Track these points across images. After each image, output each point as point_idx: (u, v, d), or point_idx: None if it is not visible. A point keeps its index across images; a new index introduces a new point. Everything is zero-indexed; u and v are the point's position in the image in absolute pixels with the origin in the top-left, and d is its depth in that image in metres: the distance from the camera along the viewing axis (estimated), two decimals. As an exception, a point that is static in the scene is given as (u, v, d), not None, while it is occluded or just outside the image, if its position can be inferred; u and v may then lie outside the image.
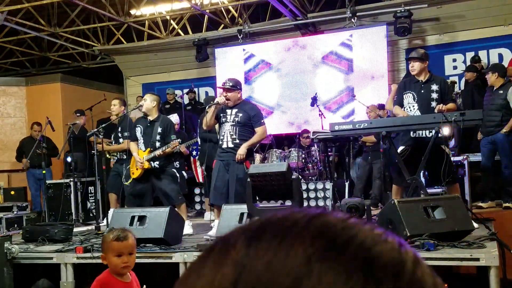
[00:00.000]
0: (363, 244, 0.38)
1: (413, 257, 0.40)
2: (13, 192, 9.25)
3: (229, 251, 0.39)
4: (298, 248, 0.37)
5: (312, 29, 10.49)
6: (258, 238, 0.39)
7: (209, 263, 0.40)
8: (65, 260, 4.87)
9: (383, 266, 0.37)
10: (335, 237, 0.38)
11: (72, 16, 11.00)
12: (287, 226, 0.39)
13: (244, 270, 0.37)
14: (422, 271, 0.39)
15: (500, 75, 6.67)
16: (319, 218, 0.40)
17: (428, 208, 4.18)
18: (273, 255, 0.37)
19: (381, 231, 0.40)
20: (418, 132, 5.29)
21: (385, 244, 0.39)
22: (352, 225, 0.40)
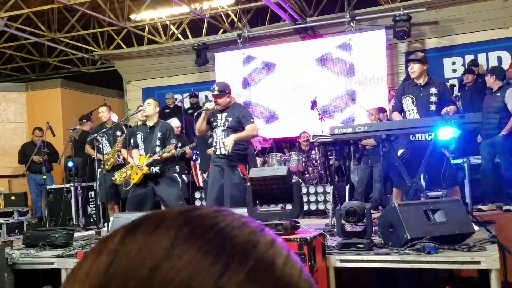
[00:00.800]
0: (222, 230, 0.42)
1: (269, 240, 0.44)
2: (14, 198, 9.25)
3: (107, 243, 0.43)
4: (165, 235, 0.41)
5: (311, 33, 10.51)
6: (135, 229, 0.43)
7: (89, 256, 0.44)
8: (66, 265, 4.87)
9: (234, 247, 0.41)
10: (199, 225, 0.42)
11: (72, 22, 11.04)
12: (160, 218, 0.44)
13: (117, 256, 0.41)
14: (275, 251, 0.43)
15: (498, 78, 6.69)
16: (189, 212, 0.45)
17: (428, 211, 4.18)
18: (144, 241, 0.41)
19: (246, 220, 0.45)
20: (417, 135, 5.30)
21: (244, 229, 0.43)
22: (218, 215, 0.44)
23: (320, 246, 4.10)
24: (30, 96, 11.32)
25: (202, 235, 0.42)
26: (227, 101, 5.71)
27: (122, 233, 0.44)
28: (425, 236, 4.00)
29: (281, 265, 0.42)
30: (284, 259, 0.43)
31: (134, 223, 0.44)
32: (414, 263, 3.92)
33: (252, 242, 0.42)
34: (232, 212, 0.46)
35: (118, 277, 0.40)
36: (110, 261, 0.41)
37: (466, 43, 9.59)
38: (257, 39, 10.90)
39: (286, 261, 0.43)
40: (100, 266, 0.42)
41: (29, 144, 9.50)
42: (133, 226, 0.44)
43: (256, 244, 0.42)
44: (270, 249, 0.43)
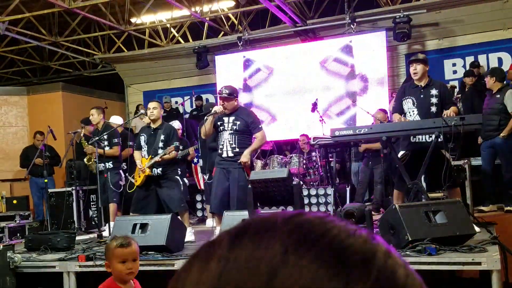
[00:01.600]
0: (336, 237, 0.40)
1: (384, 249, 0.41)
2: (16, 201, 9.26)
3: (215, 249, 0.42)
4: (276, 242, 0.40)
5: (311, 35, 10.53)
6: (241, 236, 0.42)
7: (196, 262, 0.43)
8: (68, 269, 4.88)
9: (353, 256, 0.39)
10: (310, 232, 0.41)
11: (73, 25, 11.07)
12: (268, 224, 0.42)
13: (228, 263, 0.40)
14: (394, 262, 0.40)
15: (498, 80, 6.69)
16: (297, 217, 0.43)
17: (429, 212, 4.19)
18: (254, 248, 0.40)
19: (355, 227, 0.43)
20: (418, 137, 5.30)
21: (358, 237, 0.41)
22: (327, 221, 0.42)
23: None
24: (31, 100, 11.34)
25: (315, 242, 0.40)
26: (235, 104, 5.73)
27: (228, 239, 0.43)
28: (426, 237, 4.00)
29: (403, 277, 0.40)
30: (404, 270, 0.41)
31: (238, 229, 0.43)
32: (415, 265, 3.92)
33: (371, 251, 0.40)
34: (338, 218, 0.44)
35: (233, 285, 0.39)
36: (221, 269, 0.40)
37: (467, 45, 9.61)
38: (258, 41, 10.92)
39: (406, 273, 0.41)
40: (211, 273, 0.40)
41: (30, 147, 9.52)
42: (238, 231, 0.43)
43: (374, 254, 0.40)
44: (389, 259, 0.41)
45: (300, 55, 10.23)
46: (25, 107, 11.29)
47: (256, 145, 5.79)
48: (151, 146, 6.06)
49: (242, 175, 5.52)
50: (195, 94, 10.99)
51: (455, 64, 9.69)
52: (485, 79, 6.81)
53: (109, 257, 2.84)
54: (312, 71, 10.09)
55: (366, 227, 4.20)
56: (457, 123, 4.73)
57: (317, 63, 10.08)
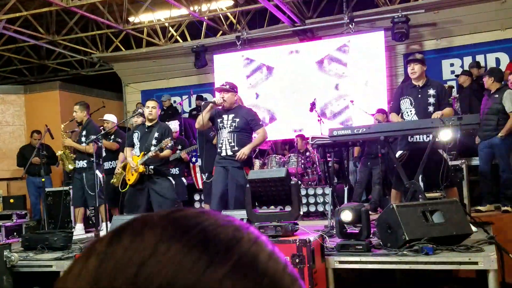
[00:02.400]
0: (206, 227, 0.44)
1: (252, 237, 0.45)
2: (12, 200, 9.25)
3: (95, 246, 0.45)
4: (150, 234, 0.43)
5: (310, 35, 10.53)
6: (121, 232, 0.45)
7: (79, 260, 0.45)
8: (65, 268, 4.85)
9: (218, 243, 0.43)
10: (183, 224, 0.44)
11: (70, 24, 11.05)
12: (146, 221, 0.45)
13: (105, 258, 0.43)
14: (258, 247, 0.44)
15: (496, 80, 6.71)
16: (175, 213, 0.46)
17: (426, 212, 4.19)
18: (130, 242, 0.43)
19: (231, 219, 0.46)
20: (415, 137, 5.31)
21: (227, 227, 0.45)
22: (203, 215, 0.46)
23: (319, 248, 4.11)
24: (28, 98, 11.32)
25: (186, 233, 0.43)
26: (234, 99, 5.72)
27: (109, 236, 0.45)
28: (424, 237, 4.00)
29: (264, 260, 0.43)
30: (267, 255, 0.44)
31: (120, 227, 0.46)
32: (413, 264, 3.93)
33: (236, 238, 0.44)
34: (217, 212, 0.47)
35: (106, 277, 0.41)
36: (98, 263, 0.43)
37: (465, 45, 9.63)
38: (256, 41, 10.91)
39: (269, 257, 0.44)
40: (89, 268, 0.43)
41: (27, 146, 9.50)
42: (119, 229, 0.46)
43: (239, 240, 0.44)
44: (254, 245, 0.44)
45: (298, 55, 10.22)
46: (22, 106, 11.27)
47: (257, 142, 5.79)
48: (143, 143, 6.02)
49: (241, 174, 5.52)
50: (193, 93, 10.99)
51: (453, 64, 9.71)
52: (483, 79, 6.81)
53: None
54: (310, 70, 10.09)
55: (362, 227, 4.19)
56: (454, 123, 4.74)
57: (315, 62, 10.08)
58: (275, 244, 0.47)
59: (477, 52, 9.46)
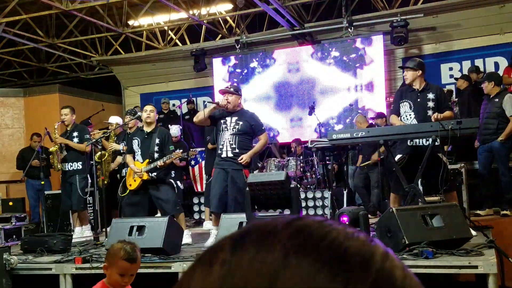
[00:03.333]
0: (335, 240, 0.41)
1: (382, 251, 0.42)
2: (12, 203, 9.23)
3: (217, 254, 0.43)
4: (276, 245, 0.41)
5: (309, 38, 10.55)
6: (243, 240, 0.43)
7: (199, 266, 0.44)
8: (64, 271, 4.87)
9: (352, 257, 0.40)
10: (310, 235, 0.42)
11: (70, 27, 11.06)
12: (269, 228, 0.44)
13: (230, 267, 0.41)
14: (392, 264, 0.41)
15: (496, 84, 6.73)
16: (297, 221, 0.44)
17: (426, 216, 4.20)
18: (256, 252, 0.41)
19: (354, 230, 0.44)
20: (415, 141, 5.31)
21: (356, 239, 0.42)
22: (326, 225, 0.44)
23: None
24: (28, 101, 11.32)
25: (315, 245, 0.41)
26: (237, 102, 5.75)
27: (230, 243, 0.44)
28: (423, 241, 4.01)
29: (401, 278, 0.41)
30: (402, 272, 0.42)
31: (240, 233, 0.44)
32: (412, 268, 3.90)
33: (368, 253, 0.41)
34: (334, 222, 0.45)
35: (237, 287, 0.40)
36: (224, 272, 0.41)
37: (463, 49, 9.64)
38: (255, 44, 10.93)
39: (404, 274, 0.42)
40: (214, 277, 0.41)
41: (27, 149, 9.49)
42: (240, 236, 0.44)
43: (373, 255, 0.41)
44: (387, 261, 0.41)
45: (297, 59, 10.24)
46: (21, 109, 11.26)
47: (259, 148, 5.82)
48: (145, 150, 6.00)
49: (240, 177, 5.52)
50: (192, 96, 11.00)
51: (451, 68, 9.73)
52: (483, 85, 6.80)
53: (111, 263, 2.75)
54: (309, 74, 10.11)
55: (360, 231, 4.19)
56: (454, 127, 4.75)
57: (314, 66, 10.09)
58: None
59: (476, 56, 9.48)
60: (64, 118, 7.00)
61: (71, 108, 7.14)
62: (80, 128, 7.09)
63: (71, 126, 7.03)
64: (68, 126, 7.03)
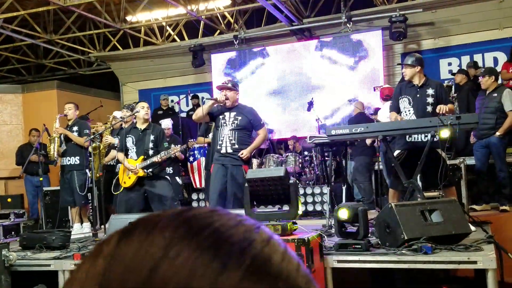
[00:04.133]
0: (218, 228, 0.43)
1: (265, 238, 0.44)
2: (10, 200, 9.23)
3: (103, 246, 0.44)
4: (160, 236, 0.42)
5: (307, 34, 10.53)
6: (130, 233, 0.44)
7: (86, 260, 0.44)
8: (63, 267, 4.86)
9: (231, 245, 0.42)
10: (194, 225, 0.43)
11: (68, 23, 11.02)
12: (155, 221, 0.44)
13: (113, 260, 0.42)
14: (272, 249, 0.43)
15: (496, 79, 6.73)
16: (184, 213, 0.45)
17: (425, 211, 4.19)
18: (139, 244, 0.42)
19: (242, 219, 0.45)
20: (413, 136, 5.31)
21: (239, 227, 0.44)
22: (214, 215, 0.45)
23: (318, 247, 4.11)
24: (26, 98, 11.30)
25: (197, 234, 0.42)
26: (235, 98, 5.76)
27: (117, 237, 0.44)
28: (422, 236, 4.01)
29: (278, 262, 0.43)
30: (281, 256, 0.44)
31: (129, 227, 0.45)
32: (411, 263, 3.93)
33: (248, 239, 0.43)
34: (227, 211, 0.46)
35: (115, 280, 0.41)
36: (106, 264, 0.42)
37: (462, 44, 9.64)
38: (254, 40, 10.91)
39: (283, 257, 0.44)
40: (97, 270, 0.42)
41: (26, 145, 9.48)
42: (128, 229, 0.45)
43: (252, 242, 0.43)
44: (267, 246, 0.43)
45: (296, 54, 10.22)
46: (19, 105, 11.24)
47: (258, 143, 5.83)
48: (140, 147, 5.98)
49: (240, 173, 5.53)
50: (190, 92, 10.98)
51: (450, 63, 9.72)
52: (481, 79, 6.78)
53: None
54: (308, 70, 10.09)
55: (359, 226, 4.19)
56: (453, 122, 4.74)
57: (313, 62, 10.08)
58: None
59: (474, 51, 9.47)
60: (67, 112, 7.04)
61: (75, 104, 7.23)
62: (81, 123, 7.12)
63: (73, 121, 7.06)
64: (69, 121, 7.07)
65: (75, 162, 6.94)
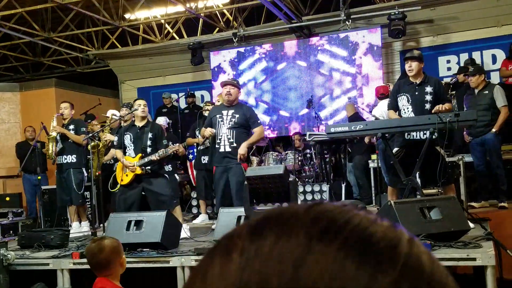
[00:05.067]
0: (359, 225, 0.40)
1: (408, 237, 0.41)
2: (8, 198, 9.21)
3: (235, 241, 0.41)
4: (299, 231, 0.39)
5: (307, 32, 10.52)
6: (262, 226, 0.41)
7: (217, 255, 0.41)
8: (62, 266, 4.85)
9: (378, 243, 0.38)
10: (332, 220, 0.40)
11: (66, 21, 11.00)
12: (288, 214, 0.41)
13: (250, 255, 0.39)
14: (419, 249, 0.40)
15: (485, 77, 6.85)
16: (316, 207, 0.42)
17: (424, 208, 4.20)
18: (277, 239, 0.39)
19: (376, 216, 0.42)
20: (412, 134, 5.30)
21: (380, 225, 0.40)
22: (348, 210, 0.41)
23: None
24: (24, 96, 11.27)
25: (339, 231, 0.39)
26: (237, 95, 5.90)
27: (248, 230, 0.41)
28: (421, 233, 4.01)
29: (428, 263, 0.40)
30: (428, 257, 0.40)
31: (258, 220, 0.42)
32: (411, 261, 3.93)
33: (395, 238, 0.40)
34: (357, 206, 0.44)
35: (258, 276, 0.38)
36: (244, 260, 0.39)
37: (461, 42, 9.63)
38: (253, 38, 10.89)
39: (431, 259, 0.40)
40: (234, 266, 0.39)
41: (23, 143, 9.47)
42: (258, 222, 0.42)
43: (399, 241, 0.39)
44: (414, 246, 0.40)
45: (295, 52, 10.21)
46: (17, 104, 11.21)
47: (254, 139, 5.89)
48: (138, 145, 5.96)
49: (239, 170, 5.62)
50: (189, 90, 10.96)
51: (449, 61, 9.71)
52: (472, 78, 6.77)
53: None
54: (307, 67, 10.09)
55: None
56: (451, 120, 4.74)
57: (312, 59, 10.07)
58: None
59: (473, 48, 9.47)
60: (63, 111, 7.02)
61: (70, 104, 7.23)
62: (77, 121, 7.12)
63: (69, 120, 7.04)
64: (65, 120, 7.05)
65: (72, 161, 6.93)
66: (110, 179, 6.86)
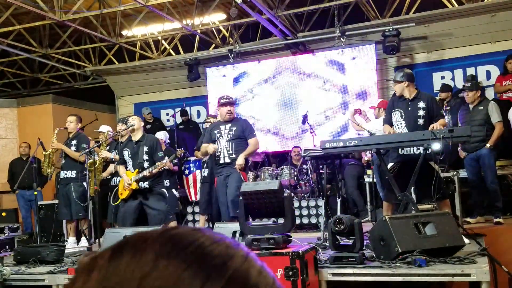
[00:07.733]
0: (202, 245, 0.48)
1: (243, 254, 0.50)
2: (4, 214, 9.18)
3: (97, 261, 0.48)
4: (149, 251, 0.47)
5: (302, 48, 10.60)
6: (121, 248, 0.49)
7: (81, 273, 0.49)
8: (57, 282, 4.84)
9: (213, 259, 0.47)
10: (180, 242, 0.49)
11: (63, 38, 11.07)
12: (144, 238, 0.50)
13: (107, 272, 0.47)
14: (249, 264, 0.49)
15: (481, 93, 6.90)
16: (170, 230, 0.51)
17: (419, 224, 4.21)
18: (131, 258, 0.47)
19: (222, 237, 0.51)
20: (406, 149, 5.34)
21: (220, 244, 0.49)
22: (197, 233, 0.51)
23: (312, 260, 4.12)
24: (21, 112, 11.30)
25: (183, 249, 0.47)
26: (235, 112, 6.36)
27: (110, 252, 0.49)
28: (416, 249, 4.02)
29: (255, 275, 0.48)
30: (258, 270, 0.49)
31: (119, 244, 0.50)
32: (406, 276, 3.94)
33: (229, 254, 0.48)
34: (209, 230, 0.52)
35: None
36: (102, 276, 0.46)
37: (455, 58, 9.71)
38: (249, 54, 10.97)
39: (259, 272, 0.49)
40: (92, 282, 0.46)
41: (17, 160, 9.48)
42: (119, 246, 0.49)
43: (232, 257, 0.48)
44: (245, 261, 0.49)
45: (290, 68, 10.28)
46: (15, 119, 11.23)
47: (250, 150, 6.19)
48: (135, 160, 6.06)
49: (238, 176, 5.92)
50: (185, 106, 11.01)
51: (443, 77, 9.79)
52: (468, 93, 6.81)
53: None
54: (303, 83, 10.15)
55: (355, 239, 4.20)
56: (445, 135, 4.78)
57: (307, 75, 10.14)
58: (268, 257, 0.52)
59: (467, 64, 9.55)
60: (68, 125, 7.09)
61: (77, 117, 7.27)
62: (80, 137, 7.12)
63: (73, 134, 7.09)
64: (70, 133, 7.11)
65: (71, 176, 6.97)
66: (107, 196, 6.90)
